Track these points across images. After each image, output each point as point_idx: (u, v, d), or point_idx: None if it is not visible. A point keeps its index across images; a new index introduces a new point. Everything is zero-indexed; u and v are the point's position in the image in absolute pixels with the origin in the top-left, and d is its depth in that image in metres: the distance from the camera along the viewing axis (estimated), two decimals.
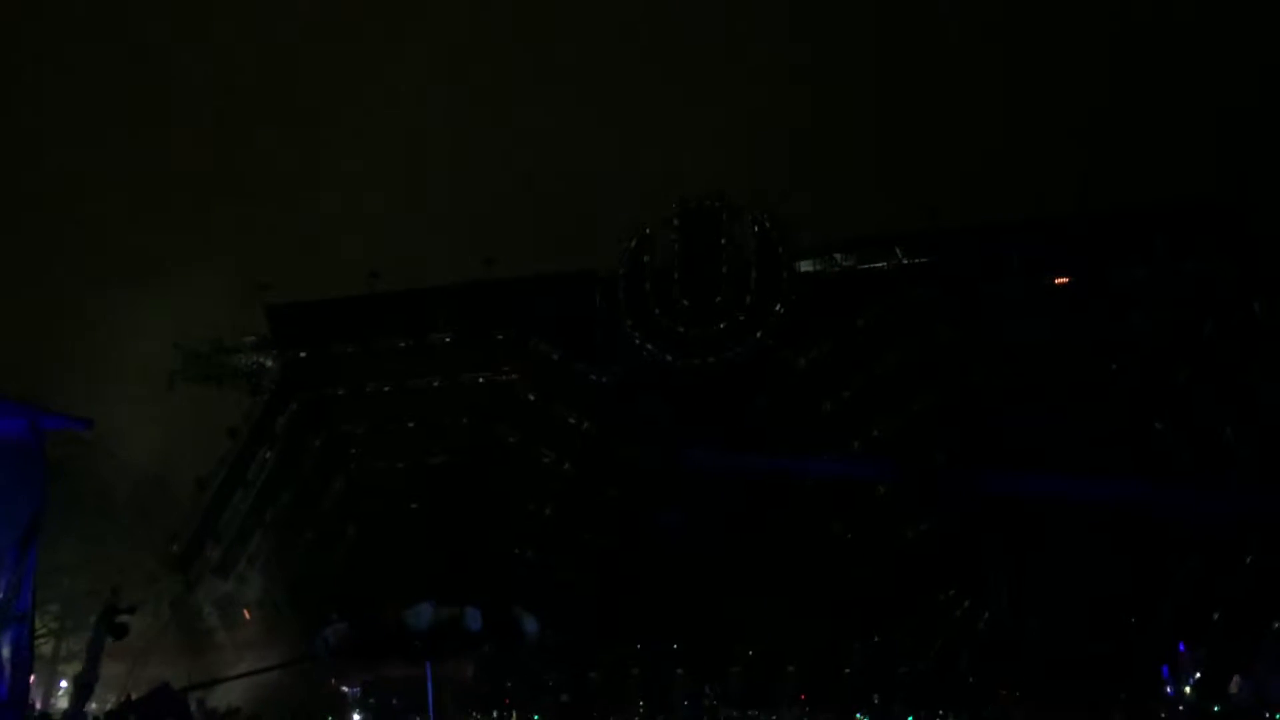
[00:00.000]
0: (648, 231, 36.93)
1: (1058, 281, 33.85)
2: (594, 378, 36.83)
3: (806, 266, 36.35)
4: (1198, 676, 28.42)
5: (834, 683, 32.51)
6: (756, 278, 35.54)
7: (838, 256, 36.48)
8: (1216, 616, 29.54)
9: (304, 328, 39.21)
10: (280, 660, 28.06)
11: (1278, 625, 28.64)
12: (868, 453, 33.43)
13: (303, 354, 38.95)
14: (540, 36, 76.67)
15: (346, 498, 38.53)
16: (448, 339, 38.19)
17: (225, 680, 28.56)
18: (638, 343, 35.84)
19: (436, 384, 38.06)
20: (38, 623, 25.52)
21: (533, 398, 37.18)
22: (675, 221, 36.52)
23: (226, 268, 43.08)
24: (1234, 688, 26.38)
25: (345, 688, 33.14)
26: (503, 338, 37.61)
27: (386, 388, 38.42)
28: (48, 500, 11.98)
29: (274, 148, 72.04)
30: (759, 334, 35.27)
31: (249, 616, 37.17)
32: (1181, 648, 28.62)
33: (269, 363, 40.01)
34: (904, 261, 35.53)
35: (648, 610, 33.04)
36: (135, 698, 21.47)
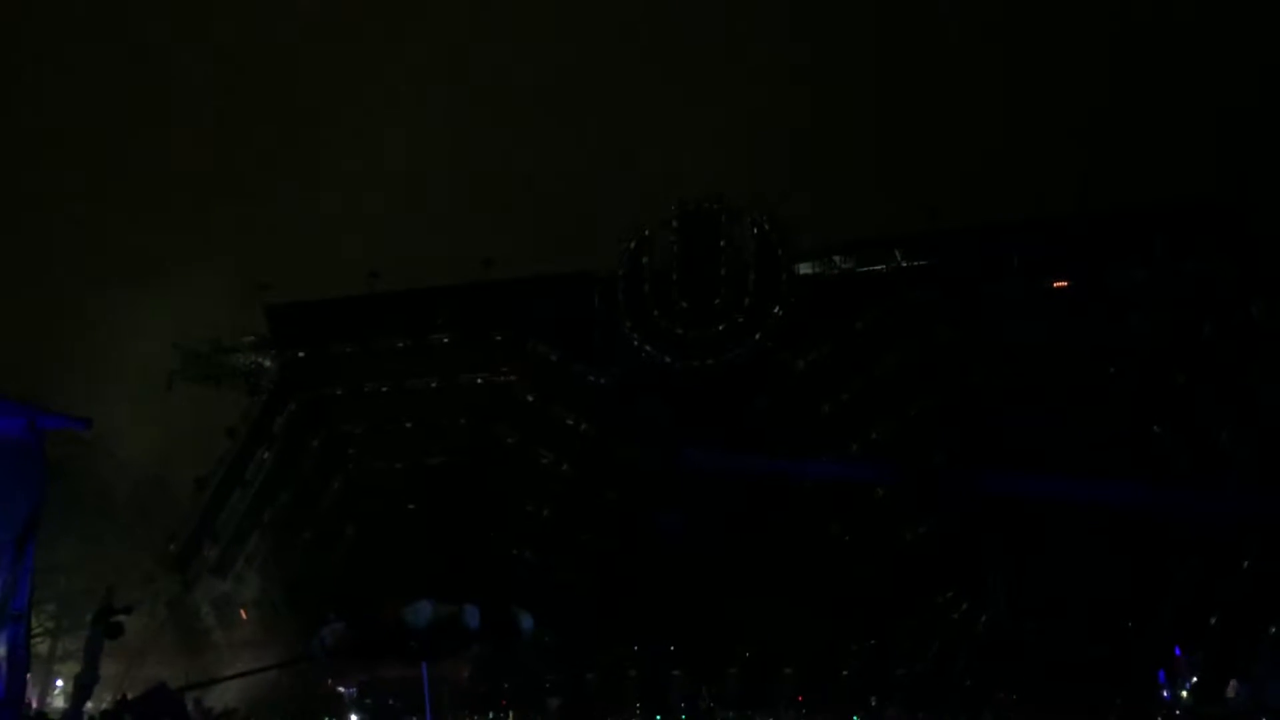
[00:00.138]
0: (647, 233, 36.91)
1: (1057, 284, 33.82)
2: (592, 379, 36.83)
3: (805, 269, 36.34)
4: (1194, 680, 28.48)
5: (831, 684, 32.54)
6: (755, 280, 35.51)
7: (837, 259, 36.45)
8: (1214, 621, 29.53)
9: (303, 328, 39.21)
10: (277, 660, 28.03)
11: (1274, 630, 28.64)
12: (866, 454, 33.40)
13: (301, 354, 38.96)
14: (540, 36, 76.71)
15: (345, 498, 38.53)
16: (446, 340, 38.18)
17: (222, 680, 28.51)
18: (636, 344, 35.83)
19: (435, 384, 38.07)
20: (34, 622, 25.52)
21: (531, 399, 37.17)
22: (674, 223, 36.52)
23: (226, 268, 43.07)
24: (1231, 691, 26.44)
25: (342, 688, 33.15)
26: (501, 339, 37.61)
27: (385, 388, 38.42)
28: (46, 499, 11.97)
29: (274, 148, 72.01)
30: (758, 336, 35.25)
31: (246, 616, 37.14)
32: (1177, 651, 28.66)
33: (267, 363, 40.00)
34: (903, 264, 35.51)
35: (645, 611, 33.04)
36: (131, 697, 21.42)
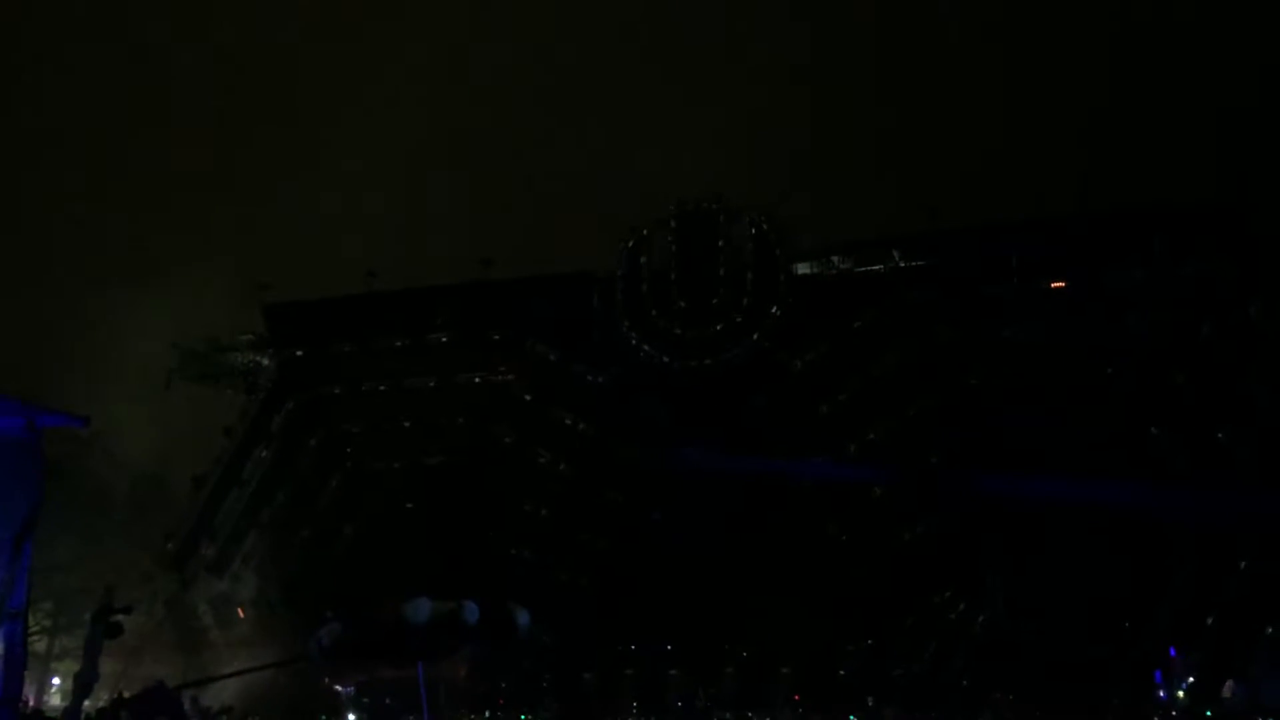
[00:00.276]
0: (645, 233, 36.90)
1: (1055, 285, 33.83)
2: (591, 379, 36.83)
3: (804, 269, 36.34)
4: (1191, 680, 28.51)
5: (829, 684, 32.56)
6: (753, 280, 35.50)
7: (835, 259, 36.44)
8: (1210, 621, 29.57)
9: (301, 327, 39.18)
10: (274, 659, 28.02)
11: (1271, 630, 28.69)
12: (864, 455, 33.39)
13: (300, 353, 38.93)
14: (540, 36, 76.75)
15: (342, 497, 38.50)
16: (445, 339, 38.15)
17: (219, 679, 28.49)
18: (635, 344, 35.83)
19: (433, 384, 38.05)
20: (31, 620, 25.53)
21: (529, 398, 37.17)
22: (673, 223, 36.53)
23: (225, 267, 43.13)
24: (1227, 692, 26.47)
25: (339, 687, 33.10)
26: (500, 338, 37.59)
27: (383, 387, 38.40)
28: (44, 498, 11.99)
29: (273, 147, 72.05)
30: (756, 336, 35.25)
31: (243, 615, 37.14)
32: (1173, 652, 28.69)
33: (266, 362, 39.98)
34: (901, 264, 35.52)
35: (643, 611, 33.06)
36: (129, 695, 21.45)
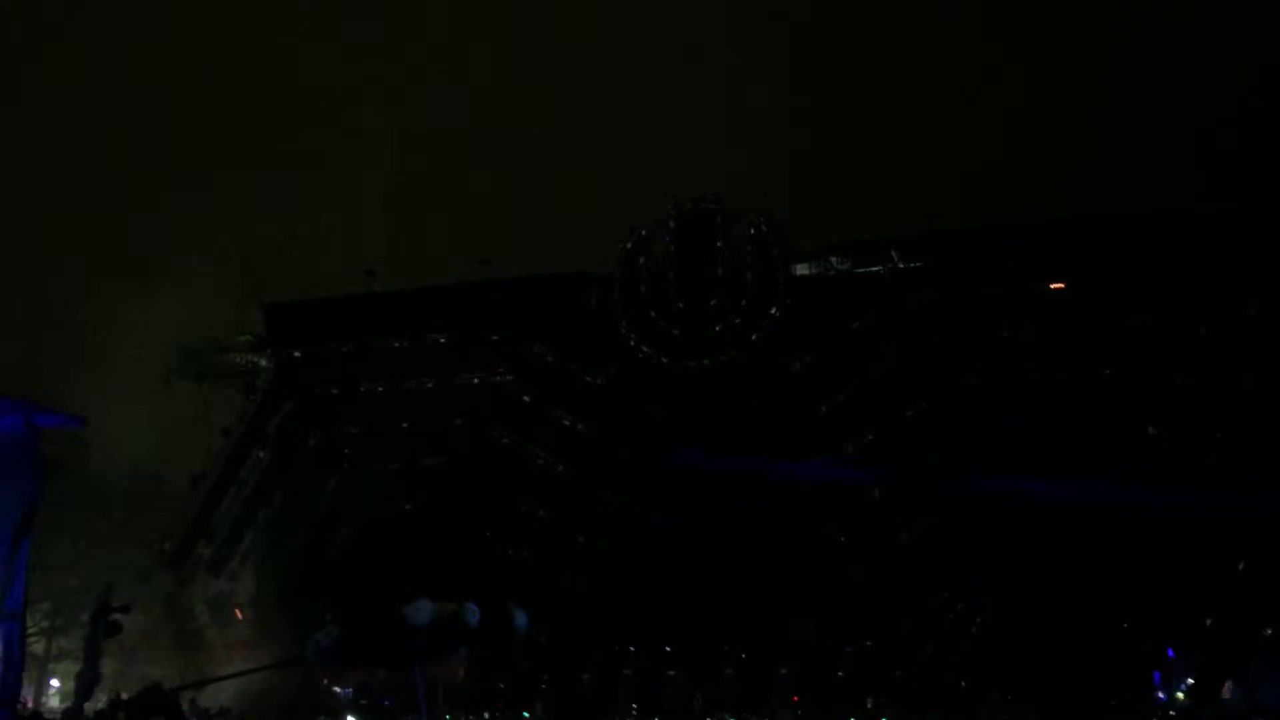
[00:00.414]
0: (643, 233, 36.89)
1: (1053, 286, 33.83)
2: (589, 379, 36.79)
3: (802, 270, 36.32)
4: (1190, 682, 28.52)
5: (827, 686, 32.54)
6: (752, 281, 35.50)
7: (834, 260, 36.41)
8: (1209, 623, 29.57)
9: (299, 327, 39.14)
10: (272, 660, 27.95)
11: (1269, 631, 28.69)
12: (862, 456, 33.36)
13: (298, 353, 38.87)
14: (539, 37, 76.76)
15: (340, 498, 38.46)
16: (443, 339, 38.08)
17: (217, 680, 28.42)
18: (633, 345, 35.80)
19: (431, 385, 38.00)
20: (29, 621, 25.43)
21: (527, 399, 37.13)
22: (671, 223, 36.52)
23: (223, 266, 43.07)
24: (1226, 693, 26.50)
25: (337, 688, 33.09)
26: (498, 338, 37.54)
27: (381, 388, 38.34)
28: (41, 497, 11.93)
29: (272, 149, 71.99)
30: (754, 337, 35.22)
31: (241, 616, 37.07)
32: (1171, 653, 28.69)
33: (264, 362, 39.92)
34: (900, 265, 35.50)
35: (641, 612, 33.01)
36: (125, 696, 21.36)
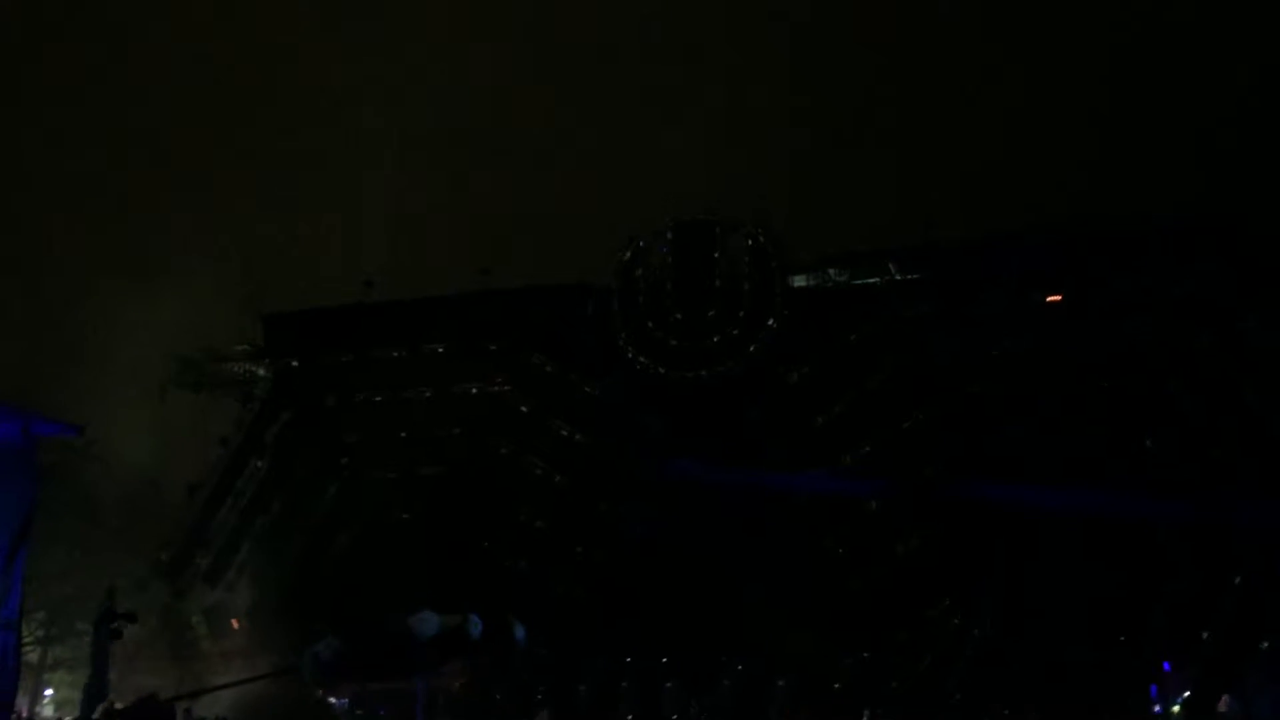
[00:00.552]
0: (641, 244, 36.96)
1: (1051, 298, 33.86)
2: (587, 390, 36.81)
3: (800, 281, 36.37)
4: (1186, 695, 28.48)
5: (824, 697, 32.48)
6: (749, 292, 35.56)
7: (831, 271, 36.47)
8: (1206, 635, 29.54)
9: (298, 336, 39.14)
10: (269, 671, 27.89)
11: (1266, 644, 28.66)
12: (859, 467, 33.37)
13: (296, 363, 38.88)
14: (539, 37, 76.91)
15: (338, 508, 38.41)
16: (441, 349, 38.10)
17: (212, 690, 28.33)
18: (630, 355, 35.83)
19: (430, 394, 37.99)
20: (25, 630, 25.37)
21: (525, 409, 37.13)
22: (669, 234, 36.58)
23: (222, 275, 43.09)
24: (1222, 706, 26.44)
25: (333, 699, 33.02)
26: (496, 348, 37.55)
27: (380, 398, 38.34)
28: (38, 506, 11.96)
29: (271, 152, 72.08)
30: (752, 348, 35.26)
31: (237, 626, 36.99)
32: (1167, 666, 28.65)
33: (262, 371, 39.93)
34: (897, 277, 35.56)
35: (639, 623, 32.97)
36: (120, 706, 21.30)
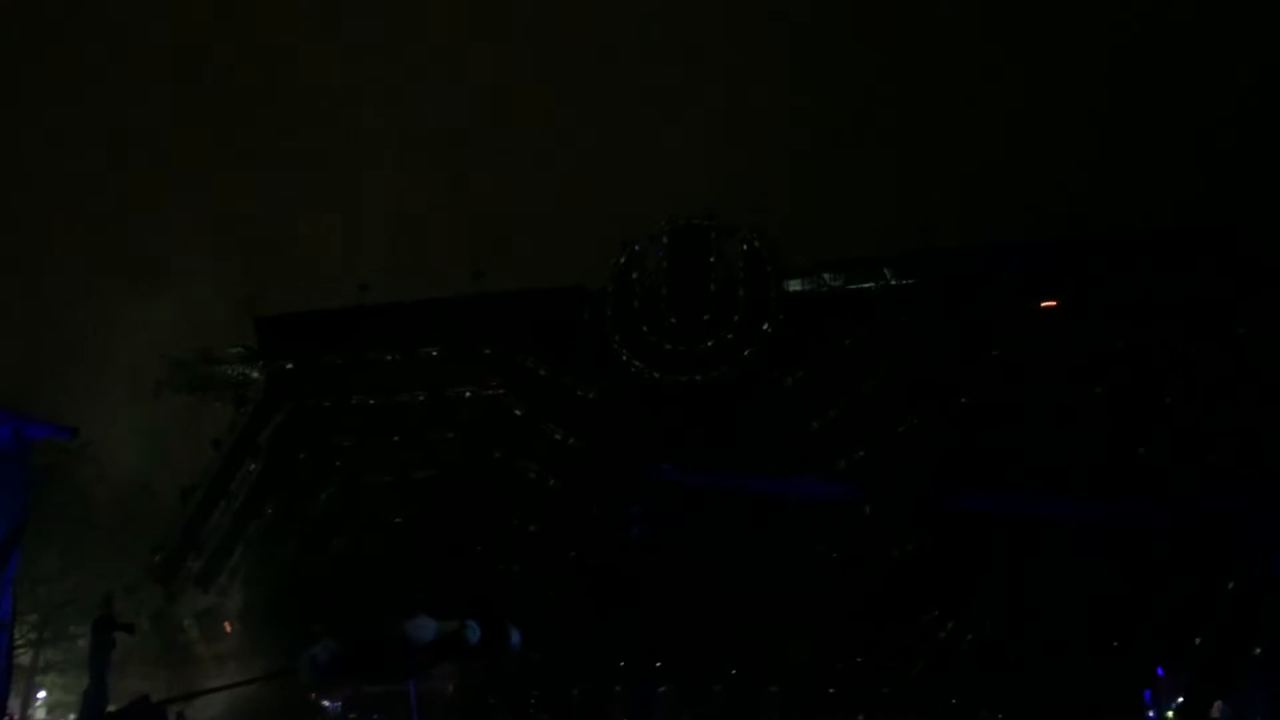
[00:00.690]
0: (637, 248, 36.97)
1: (1046, 304, 33.93)
2: (581, 393, 36.78)
3: (795, 286, 36.41)
4: (1180, 700, 28.52)
5: (818, 702, 32.46)
6: (745, 296, 35.57)
7: (826, 276, 36.54)
8: (1199, 641, 29.58)
9: (292, 339, 39.10)
10: (261, 673, 27.83)
11: (1259, 650, 28.71)
12: (854, 472, 33.38)
13: (290, 365, 38.83)
14: (539, 37, 76.93)
15: (331, 511, 38.33)
16: (435, 353, 38.08)
17: (205, 693, 28.27)
18: (625, 359, 35.81)
19: (424, 398, 37.96)
20: (17, 632, 25.27)
21: (520, 412, 37.10)
22: (665, 238, 36.59)
23: (217, 277, 43.01)
24: (1215, 712, 26.49)
25: (326, 702, 32.96)
26: (490, 352, 37.53)
27: (373, 401, 38.30)
28: (31, 509, 11.91)
29: (269, 154, 72.04)
30: (747, 352, 35.26)
31: (230, 629, 36.90)
32: (1160, 672, 28.68)
33: (255, 374, 39.87)
34: (892, 282, 35.62)
35: (632, 627, 32.92)
36: (113, 709, 21.23)
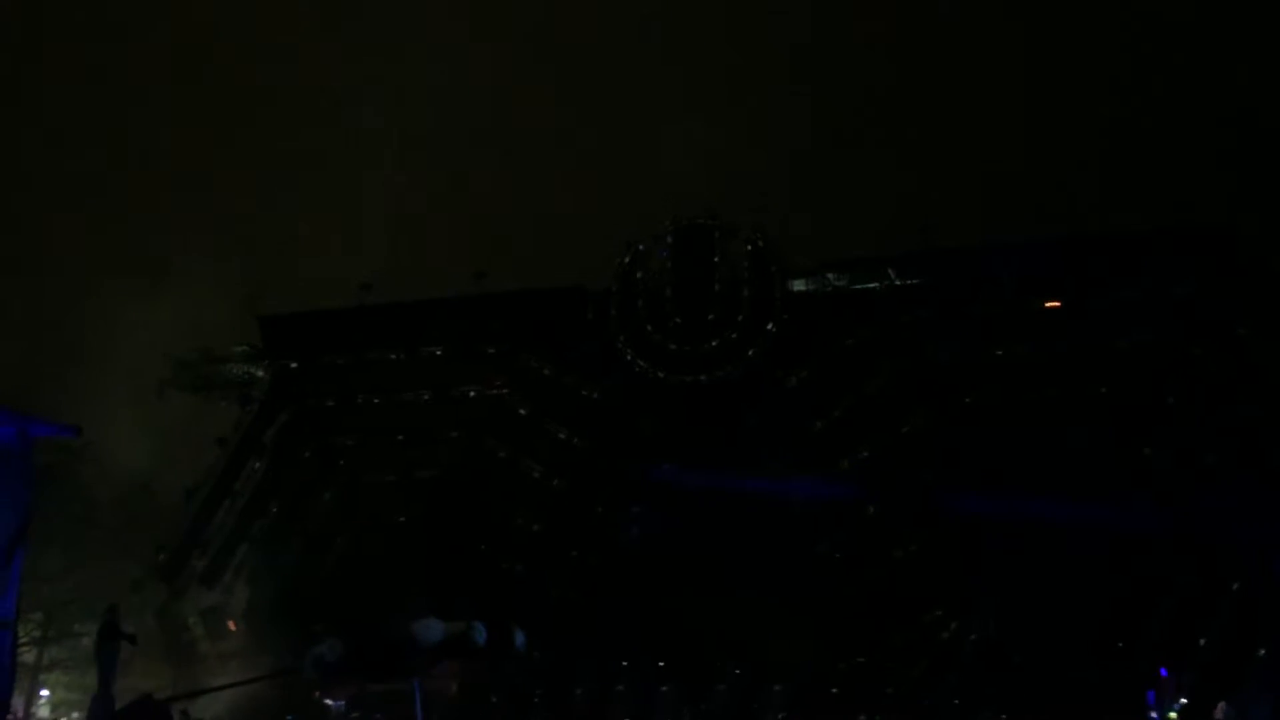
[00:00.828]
0: (641, 248, 37.00)
1: (1049, 304, 33.93)
2: (585, 393, 36.81)
3: (799, 286, 36.41)
4: (1183, 701, 28.48)
5: (820, 702, 32.46)
6: (749, 296, 35.58)
7: (830, 276, 36.54)
8: (1202, 642, 29.56)
9: (296, 338, 39.16)
10: (265, 672, 27.89)
11: (1262, 651, 28.69)
12: (857, 472, 33.40)
13: (294, 365, 38.89)
14: (539, 37, 76.95)
15: (335, 510, 38.41)
16: (439, 352, 38.14)
17: (209, 691, 28.32)
18: (629, 359, 35.83)
19: (427, 397, 38.03)
20: (20, 631, 25.38)
21: (523, 412, 37.14)
22: (668, 238, 36.62)
23: (220, 276, 43.06)
24: (1219, 713, 26.46)
25: (329, 701, 32.96)
26: (494, 351, 37.58)
27: (377, 400, 38.39)
28: (35, 507, 11.96)
29: (269, 156, 72.11)
30: (750, 352, 35.27)
31: (234, 628, 36.95)
32: (1164, 673, 28.65)
33: (260, 373, 39.94)
34: (896, 282, 35.62)
35: (635, 627, 32.94)
36: (117, 708, 21.28)
